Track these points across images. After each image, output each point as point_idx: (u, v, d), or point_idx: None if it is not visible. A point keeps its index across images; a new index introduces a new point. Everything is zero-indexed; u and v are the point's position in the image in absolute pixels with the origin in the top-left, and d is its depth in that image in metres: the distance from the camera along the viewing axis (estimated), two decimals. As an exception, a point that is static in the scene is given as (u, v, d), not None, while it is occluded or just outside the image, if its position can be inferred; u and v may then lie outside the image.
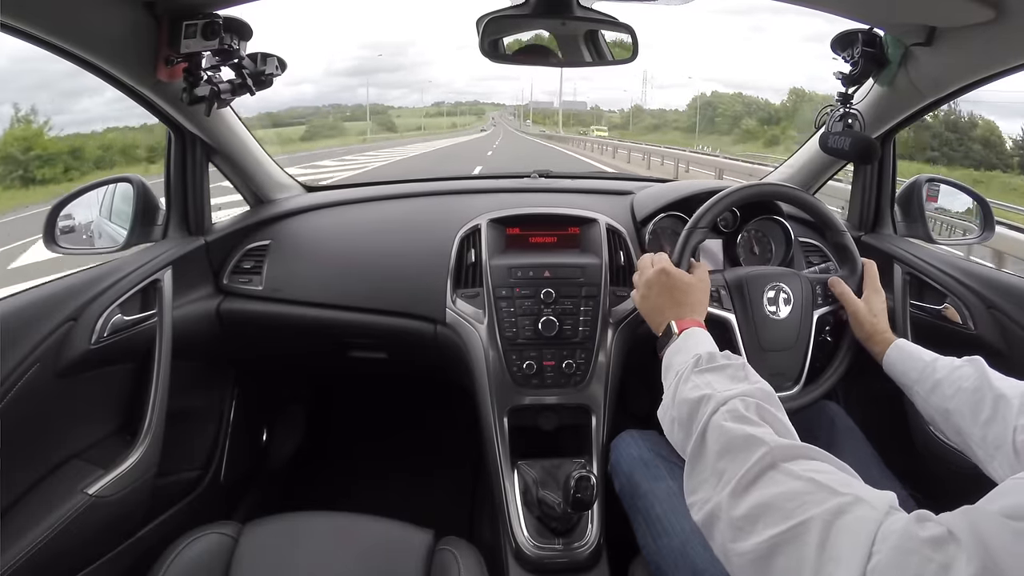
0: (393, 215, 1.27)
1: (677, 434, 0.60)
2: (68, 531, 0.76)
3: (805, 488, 0.42)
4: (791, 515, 0.40)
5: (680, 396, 0.60)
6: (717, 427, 0.52)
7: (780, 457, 0.46)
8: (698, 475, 0.52)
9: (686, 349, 0.68)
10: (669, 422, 0.62)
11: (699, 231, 0.87)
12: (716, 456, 0.50)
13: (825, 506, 0.39)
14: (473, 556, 0.80)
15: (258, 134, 1.20)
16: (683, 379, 0.62)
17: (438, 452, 1.51)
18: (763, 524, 0.42)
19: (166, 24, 0.80)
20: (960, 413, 0.66)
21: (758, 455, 0.46)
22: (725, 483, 0.47)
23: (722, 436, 0.51)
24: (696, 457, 0.53)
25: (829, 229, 0.92)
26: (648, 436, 0.89)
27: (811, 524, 0.39)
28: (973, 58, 0.83)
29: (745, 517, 0.43)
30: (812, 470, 0.44)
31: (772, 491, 0.43)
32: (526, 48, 0.94)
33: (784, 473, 0.44)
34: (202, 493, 1.14)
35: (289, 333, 1.19)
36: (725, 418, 0.52)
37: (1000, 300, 0.90)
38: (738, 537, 0.43)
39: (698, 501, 0.50)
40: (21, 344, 0.75)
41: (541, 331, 0.97)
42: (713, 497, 0.48)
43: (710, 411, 0.54)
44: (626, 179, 1.53)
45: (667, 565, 0.73)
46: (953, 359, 0.71)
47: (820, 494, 0.41)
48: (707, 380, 0.59)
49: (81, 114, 26.62)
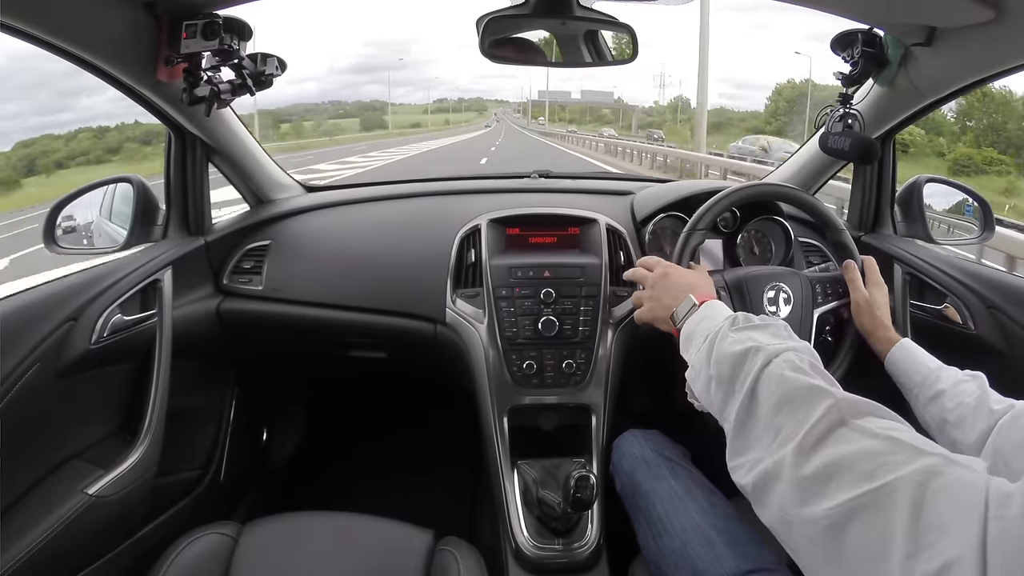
0: (393, 215, 1.27)
1: (715, 394, 0.54)
2: (68, 531, 0.76)
3: (884, 447, 0.36)
4: (871, 476, 0.34)
5: (720, 352, 0.54)
6: (773, 377, 0.47)
7: (849, 412, 0.40)
8: (747, 433, 0.46)
9: (711, 315, 0.64)
10: (705, 382, 0.56)
11: (699, 232, 0.87)
12: (772, 410, 0.44)
13: (913, 466, 0.33)
14: (473, 556, 0.80)
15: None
16: (721, 336, 0.57)
17: (438, 452, 1.51)
18: (837, 485, 0.36)
19: (166, 24, 0.80)
20: (958, 426, 0.66)
21: (823, 408, 0.40)
22: (785, 439, 0.41)
23: (779, 388, 0.45)
24: (746, 414, 0.47)
25: (829, 229, 0.92)
26: (650, 436, 0.89)
27: (899, 486, 0.33)
28: (973, 58, 0.83)
29: (814, 477, 0.37)
30: (888, 427, 0.38)
31: (845, 448, 0.37)
32: (526, 48, 0.94)
33: (856, 430, 0.38)
34: (202, 493, 1.14)
35: (289, 333, 1.19)
36: (782, 367, 0.47)
37: (1000, 300, 0.90)
38: (806, 500, 0.37)
39: (746, 462, 0.44)
40: (21, 344, 0.75)
41: (541, 331, 0.97)
42: (767, 456, 0.42)
43: (760, 363, 0.49)
44: (626, 179, 1.53)
45: (667, 565, 0.73)
46: (957, 372, 0.71)
47: (905, 453, 0.35)
48: (749, 335, 0.55)
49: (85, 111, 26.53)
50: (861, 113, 1.02)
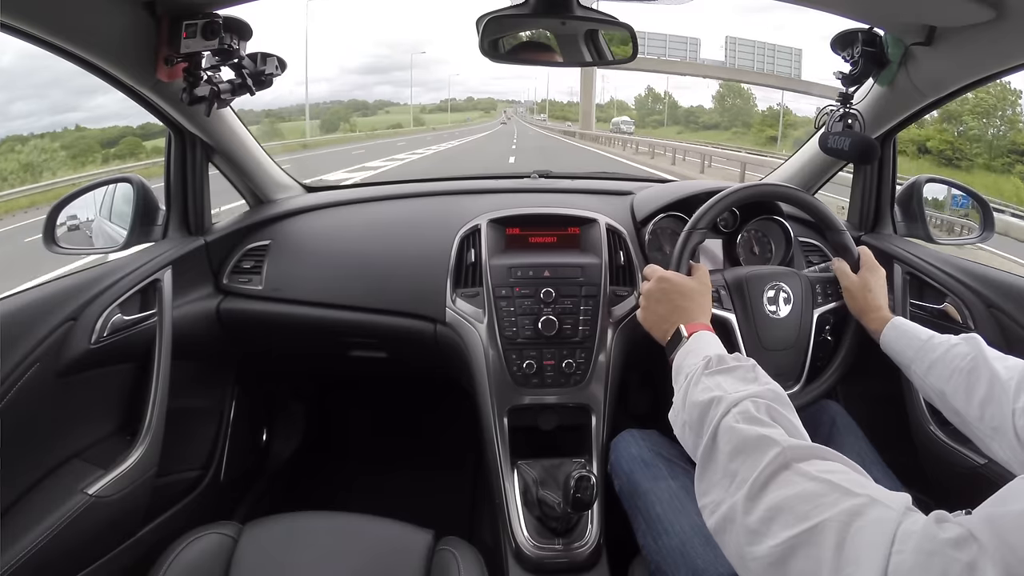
0: (393, 215, 1.27)
1: (688, 437, 0.59)
2: (68, 531, 0.76)
3: (820, 489, 0.41)
4: (806, 517, 0.40)
5: (691, 399, 0.59)
6: (728, 429, 0.52)
7: (793, 457, 0.45)
8: (710, 477, 0.51)
9: (696, 351, 0.68)
10: (680, 426, 0.61)
11: (698, 232, 0.87)
12: (728, 457, 0.50)
13: (841, 507, 0.39)
14: (473, 556, 0.80)
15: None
16: (693, 382, 0.61)
17: (438, 452, 1.51)
18: (778, 526, 0.41)
19: (166, 24, 0.80)
20: (956, 395, 0.66)
21: (771, 456, 0.46)
22: (738, 485, 0.46)
23: (734, 437, 0.50)
24: (707, 459, 0.52)
25: (829, 229, 0.92)
26: (648, 436, 0.89)
27: (827, 526, 0.39)
28: (973, 58, 0.83)
29: (760, 520, 0.43)
30: (826, 471, 0.44)
31: (786, 492, 0.43)
32: (526, 47, 0.94)
33: (798, 474, 0.44)
34: (202, 493, 1.14)
35: (289, 333, 1.19)
36: (736, 419, 0.52)
37: (1000, 299, 0.90)
38: (753, 541, 0.43)
39: (710, 504, 0.49)
40: (21, 344, 0.75)
41: (541, 331, 0.97)
42: (726, 499, 0.47)
43: (721, 413, 0.53)
44: (626, 179, 1.53)
45: (667, 565, 0.73)
46: (950, 337, 0.71)
47: (835, 495, 0.40)
48: (717, 382, 0.59)
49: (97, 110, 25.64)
50: (861, 113, 1.02)
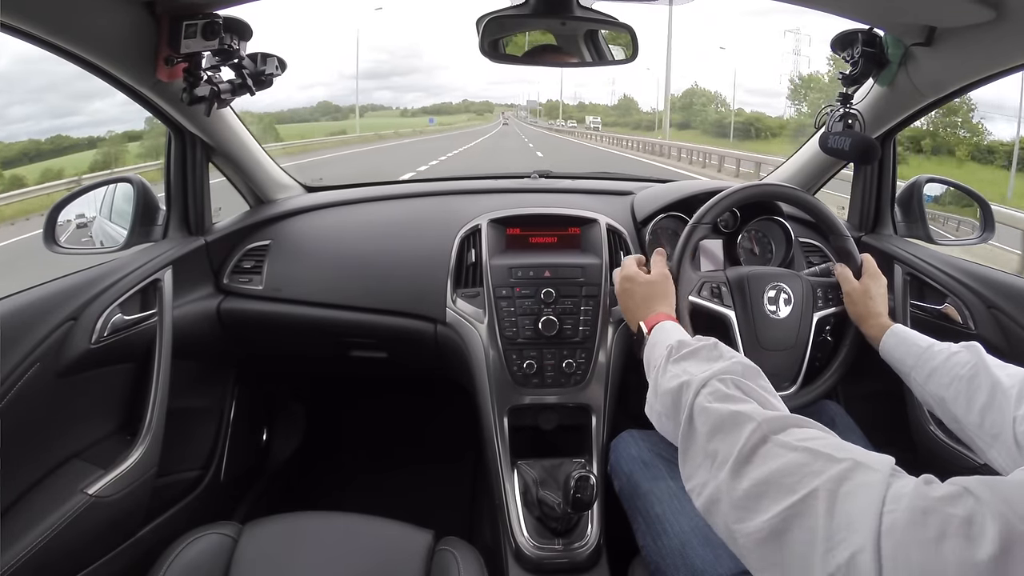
0: (393, 215, 1.27)
1: (667, 426, 0.60)
2: (68, 531, 0.76)
3: (803, 459, 0.42)
4: (794, 488, 0.40)
5: (661, 388, 0.60)
6: (702, 410, 0.52)
7: (771, 430, 0.45)
8: (692, 460, 0.51)
9: (659, 342, 0.69)
10: (657, 417, 0.62)
11: (702, 227, 0.87)
12: (706, 438, 0.50)
13: (827, 474, 0.39)
14: (473, 556, 0.80)
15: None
16: (660, 371, 0.62)
17: (438, 452, 1.51)
18: (768, 501, 0.41)
19: (166, 24, 0.80)
20: (956, 401, 0.66)
21: (748, 431, 0.46)
22: (720, 464, 0.47)
23: (709, 418, 0.51)
24: (687, 443, 0.53)
25: (832, 233, 0.92)
26: (648, 436, 0.89)
27: (816, 494, 0.38)
28: (973, 58, 0.83)
29: (747, 496, 0.43)
30: (805, 438, 0.44)
31: (770, 466, 0.43)
32: (526, 47, 0.94)
33: (778, 445, 0.44)
34: (202, 493, 1.14)
35: (289, 333, 1.19)
36: (708, 400, 0.52)
37: (1000, 300, 0.90)
38: (744, 517, 0.43)
39: (696, 486, 0.50)
40: (21, 344, 0.75)
41: (541, 331, 0.97)
42: (711, 480, 0.47)
43: (692, 396, 0.54)
44: (626, 179, 1.53)
45: (667, 565, 0.73)
46: (950, 344, 0.71)
47: (818, 463, 0.40)
48: (683, 367, 0.60)
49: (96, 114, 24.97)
50: (861, 113, 1.02)
